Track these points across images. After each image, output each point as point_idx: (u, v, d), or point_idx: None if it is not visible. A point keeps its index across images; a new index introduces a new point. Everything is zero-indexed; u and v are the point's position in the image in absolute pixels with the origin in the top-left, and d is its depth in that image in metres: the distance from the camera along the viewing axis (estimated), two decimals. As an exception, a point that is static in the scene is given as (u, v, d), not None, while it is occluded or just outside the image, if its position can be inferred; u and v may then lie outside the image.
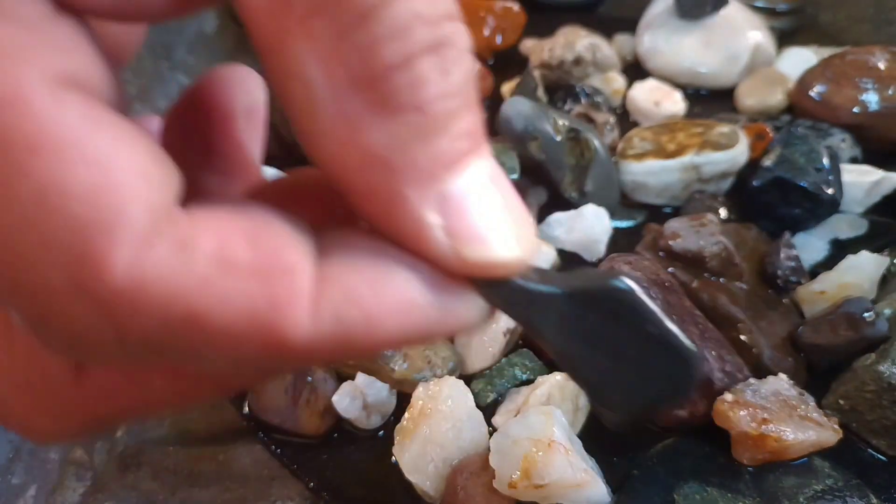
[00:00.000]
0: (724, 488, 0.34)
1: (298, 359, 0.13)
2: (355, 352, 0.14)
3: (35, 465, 0.42)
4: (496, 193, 0.15)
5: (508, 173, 0.49)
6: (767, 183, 0.47)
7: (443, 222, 0.14)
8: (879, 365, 0.36)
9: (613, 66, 0.66)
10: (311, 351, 0.13)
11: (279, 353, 0.13)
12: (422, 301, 0.14)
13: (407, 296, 0.14)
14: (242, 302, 0.12)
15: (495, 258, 0.14)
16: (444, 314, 0.14)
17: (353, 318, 0.13)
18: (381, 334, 0.13)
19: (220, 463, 0.41)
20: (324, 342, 0.13)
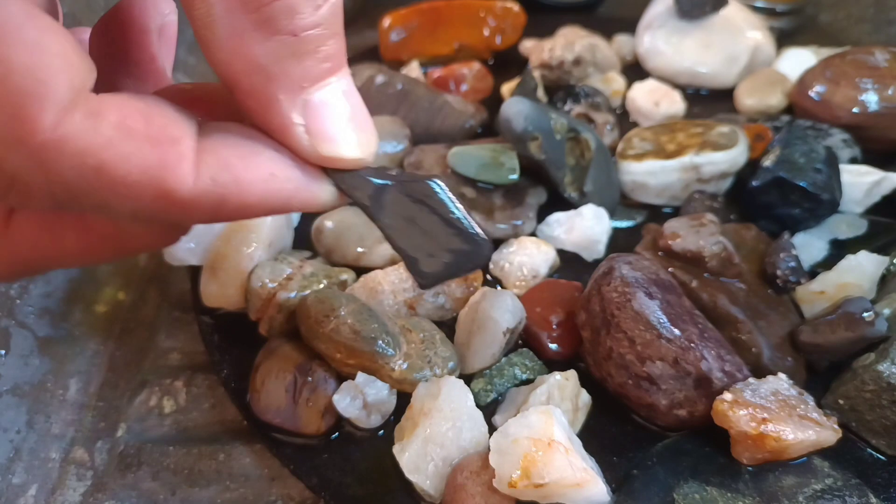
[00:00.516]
0: (724, 488, 0.34)
1: (184, 211, 0.17)
2: (231, 210, 0.18)
3: (35, 465, 0.42)
4: (347, 106, 0.20)
5: (508, 173, 0.49)
6: (767, 183, 0.47)
7: (304, 123, 0.19)
8: (879, 365, 0.36)
9: (613, 66, 0.66)
10: (193, 204, 0.17)
11: (168, 204, 0.17)
12: (281, 175, 0.19)
13: (270, 168, 0.18)
14: (138, 160, 0.16)
15: (341, 155, 0.20)
16: (300, 189, 0.19)
17: (226, 180, 0.17)
18: (249, 196, 0.18)
19: (221, 462, 0.41)
20: (204, 197, 0.17)
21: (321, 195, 0.20)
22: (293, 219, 0.50)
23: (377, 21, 0.70)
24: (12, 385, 0.43)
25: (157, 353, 0.48)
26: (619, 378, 0.37)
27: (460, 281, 0.45)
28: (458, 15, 0.69)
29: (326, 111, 0.19)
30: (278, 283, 0.42)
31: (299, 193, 0.19)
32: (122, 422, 0.44)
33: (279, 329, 0.42)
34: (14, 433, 0.42)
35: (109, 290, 0.52)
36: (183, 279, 0.53)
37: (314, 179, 0.20)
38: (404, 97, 0.58)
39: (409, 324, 0.41)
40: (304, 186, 0.19)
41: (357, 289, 0.44)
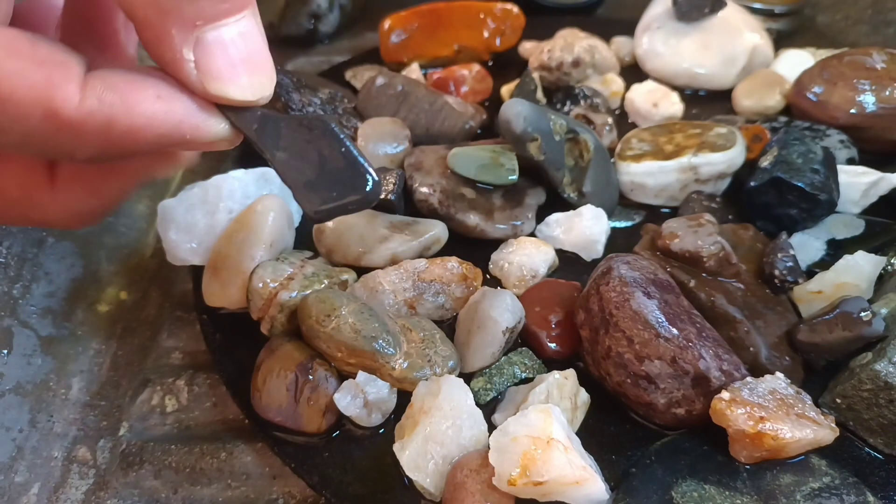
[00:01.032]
0: (722, 486, 0.34)
1: (73, 133, 0.18)
2: (121, 132, 0.18)
3: (38, 464, 0.42)
4: (243, 47, 0.20)
5: (508, 174, 0.50)
6: (765, 183, 0.47)
7: (194, 59, 0.19)
8: (876, 364, 0.36)
9: (612, 67, 0.67)
10: (81, 125, 0.18)
11: (57, 126, 0.18)
12: (168, 98, 0.19)
13: (157, 91, 0.19)
14: (23, 79, 0.17)
15: (228, 94, 0.20)
16: (188, 115, 0.19)
17: (112, 99, 0.18)
18: (137, 117, 0.18)
19: (222, 461, 0.41)
20: (91, 118, 0.18)
21: (213, 126, 0.20)
22: (294, 219, 0.51)
23: (378, 23, 0.70)
24: (15, 384, 0.43)
25: (159, 353, 0.49)
26: (617, 377, 0.37)
27: (460, 281, 0.45)
28: (457, 17, 0.69)
29: (217, 50, 0.20)
30: (279, 282, 0.42)
31: (189, 119, 0.20)
32: (124, 420, 0.44)
33: (280, 328, 0.42)
34: (17, 432, 0.42)
35: (111, 290, 0.53)
36: (185, 279, 0.53)
37: (204, 109, 0.20)
38: (404, 98, 0.59)
39: (410, 323, 0.41)
40: (192, 113, 0.20)
41: (358, 288, 0.44)
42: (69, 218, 0.23)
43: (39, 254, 0.47)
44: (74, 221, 0.24)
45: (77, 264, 0.51)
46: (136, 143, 0.19)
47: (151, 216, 0.58)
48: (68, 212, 0.23)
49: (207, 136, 0.20)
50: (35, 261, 0.47)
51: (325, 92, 0.61)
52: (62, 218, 0.23)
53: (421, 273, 0.45)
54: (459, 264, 0.45)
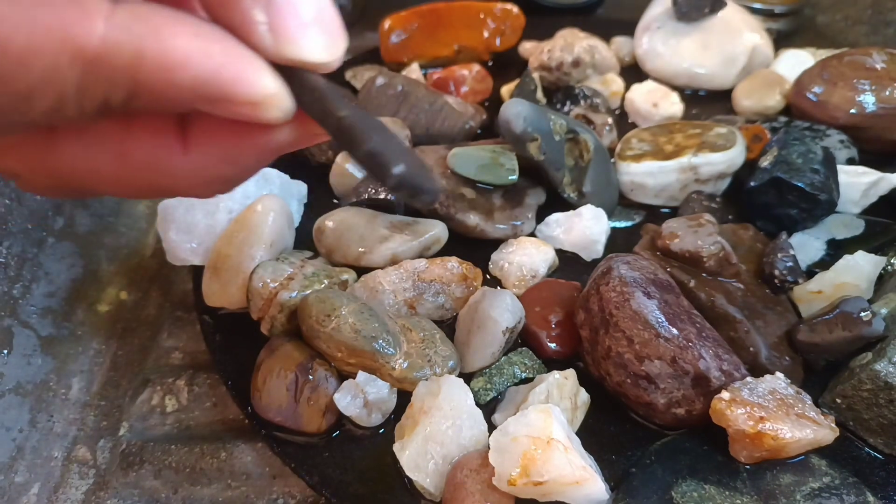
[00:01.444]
0: (722, 486, 0.34)
1: (102, 67, 0.16)
2: (152, 68, 0.17)
3: (38, 464, 0.42)
4: (314, 6, 0.19)
5: (508, 174, 0.50)
6: (765, 184, 0.47)
7: (267, 20, 0.18)
8: (876, 364, 0.36)
9: (612, 67, 0.67)
10: (109, 57, 0.16)
11: (84, 63, 0.16)
12: (208, 36, 0.17)
13: (195, 29, 0.17)
14: (39, 24, 0.15)
15: (304, 58, 0.18)
16: (231, 61, 0.17)
17: (142, 30, 0.16)
18: (171, 52, 0.17)
19: (222, 461, 0.41)
20: (119, 48, 0.16)
21: (258, 80, 0.18)
22: (294, 219, 0.51)
23: (378, 23, 0.70)
24: (15, 384, 0.43)
25: (159, 353, 0.49)
26: (617, 377, 0.37)
27: (460, 281, 0.45)
28: (457, 17, 0.70)
29: (291, 10, 0.18)
30: (279, 282, 0.42)
31: (230, 66, 0.17)
32: (124, 420, 0.44)
33: (280, 328, 0.42)
34: (17, 432, 0.42)
35: (111, 290, 0.53)
36: (185, 279, 0.53)
37: (248, 60, 0.18)
38: (404, 98, 0.59)
39: (410, 323, 0.41)
40: (234, 60, 0.18)
41: (358, 288, 0.44)
42: (200, 185, 0.22)
43: (39, 254, 0.47)
44: (205, 189, 0.22)
45: (77, 264, 0.51)
46: (171, 86, 0.17)
47: (151, 216, 0.58)
48: (200, 178, 0.21)
49: (251, 90, 0.18)
50: (35, 261, 0.47)
51: (325, 92, 0.61)
52: (193, 185, 0.22)
53: (421, 273, 0.45)
54: (459, 264, 0.45)
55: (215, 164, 0.21)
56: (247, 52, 0.18)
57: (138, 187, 0.22)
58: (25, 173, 0.21)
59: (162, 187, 0.22)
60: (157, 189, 0.22)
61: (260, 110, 0.18)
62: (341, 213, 0.49)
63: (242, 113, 0.18)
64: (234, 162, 0.21)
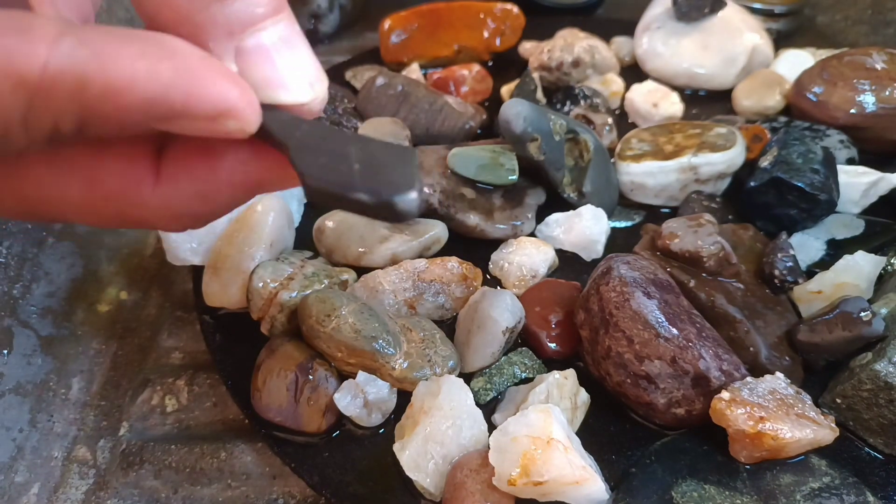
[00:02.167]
0: (722, 486, 0.34)
1: (46, 95, 0.16)
2: (98, 93, 0.16)
3: (38, 464, 0.42)
4: (286, 52, 0.19)
5: (508, 174, 0.50)
6: (764, 184, 0.47)
7: (238, 69, 0.18)
8: (876, 364, 0.36)
9: (612, 67, 0.67)
10: (51, 85, 0.16)
11: (28, 92, 0.16)
12: (156, 53, 0.16)
13: (142, 47, 0.16)
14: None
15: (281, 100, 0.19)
16: (181, 81, 0.17)
17: (84, 56, 0.16)
18: (115, 73, 0.16)
19: (222, 461, 0.41)
20: (61, 76, 0.16)
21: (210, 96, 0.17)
22: (294, 219, 0.51)
23: (378, 23, 0.70)
24: (15, 384, 0.43)
25: (159, 353, 0.49)
26: (617, 377, 0.37)
27: (460, 281, 0.45)
28: (457, 17, 0.70)
29: (260, 58, 0.18)
30: (279, 282, 0.42)
31: (179, 83, 0.17)
32: (124, 420, 0.44)
33: (280, 328, 0.42)
34: (17, 432, 0.42)
35: (112, 290, 0.53)
36: (185, 279, 0.53)
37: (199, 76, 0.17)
38: (404, 98, 0.59)
39: (410, 323, 0.41)
40: (182, 77, 0.17)
41: (358, 288, 0.44)
42: (170, 219, 0.21)
43: (39, 254, 0.47)
44: (175, 223, 0.22)
45: (77, 264, 0.51)
46: (119, 110, 0.16)
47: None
48: (170, 212, 0.21)
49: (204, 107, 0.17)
50: (35, 261, 0.47)
51: (325, 92, 0.61)
52: (162, 218, 0.21)
53: (421, 273, 0.45)
54: (459, 264, 0.45)
55: (187, 199, 0.21)
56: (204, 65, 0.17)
57: (107, 217, 0.21)
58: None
59: (130, 218, 0.21)
60: (125, 220, 0.21)
61: (219, 124, 0.18)
62: (341, 213, 0.49)
63: (202, 129, 0.18)
64: (206, 198, 0.21)
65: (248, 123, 0.18)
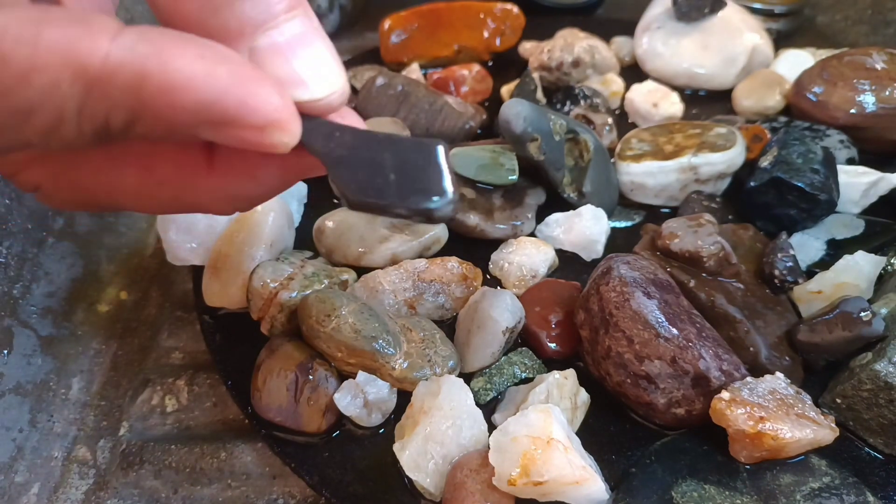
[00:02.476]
0: (722, 486, 0.34)
1: (103, 86, 0.16)
2: (155, 90, 0.16)
3: (38, 464, 0.42)
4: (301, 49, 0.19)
5: (508, 174, 0.50)
6: (764, 184, 0.48)
7: None
8: (876, 364, 0.36)
9: (612, 67, 0.67)
10: (110, 76, 0.16)
11: (86, 82, 0.16)
12: (213, 57, 0.17)
13: (200, 51, 0.17)
14: (46, 39, 0.15)
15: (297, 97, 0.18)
16: (237, 81, 0.17)
17: (146, 50, 0.16)
18: (174, 73, 0.16)
19: (222, 461, 0.41)
20: (121, 69, 0.16)
21: (263, 105, 0.17)
22: (294, 219, 0.51)
23: (378, 23, 0.70)
24: (15, 384, 0.43)
25: (159, 353, 0.49)
26: (617, 377, 0.37)
27: (460, 281, 0.45)
28: (457, 17, 0.70)
29: (275, 56, 0.18)
30: (280, 282, 0.42)
31: (235, 89, 0.17)
32: (124, 420, 0.44)
33: (280, 328, 0.42)
34: (17, 432, 0.42)
35: (111, 290, 0.53)
36: (185, 279, 0.53)
37: (258, 83, 0.17)
38: (404, 98, 0.59)
39: (410, 323, 0.41)
40: (239, 82, 0.17)
41: (358, 288, 0.44)
42: (223, 202, 0.22)
43: (39, 254, 0.47)
44: (227, 206, 0.22)
45: (77, 264, 0.51)
46: (173, 109, 0.16)
47: (151, 216, 0.58)
48: (223, 196, 0.21)
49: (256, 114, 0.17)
50: (35, 261, 0.47)
51: (325, 92, 0.61)
52: (216, 201, 0.21)
53: (421, 273, 0.45)
54: (459, 264, 0.45)
55: (240, 183, 0.21)
56: (256, 74, 0.17)
57: (161, 202, 0.21)
58: (48, 186, 0.21)
59: (185, 203, 0.22)
60: (179, 205, 0.22)
61: (266, 135, 0.17)
62: (341, 213, 0.49)
63: (248, 139, 0.18)
64: (259, 182, 0.21)
65: (292, 136, 0.18)
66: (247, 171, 0.21)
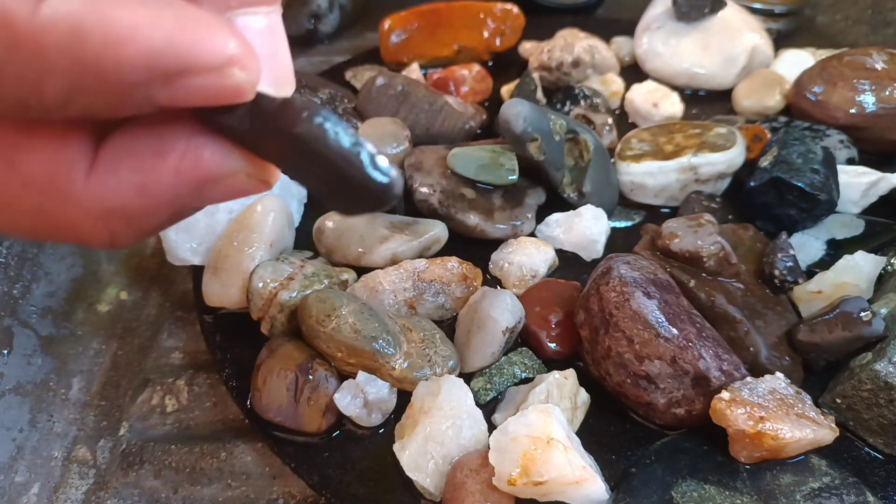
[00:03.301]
0: (722, 486, 0.34)
1: (35, 47, 0.14)
2: (97, 46, 0.14)
3: (38, 464, 0.42)
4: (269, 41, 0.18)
5: (508, 174, 0.50)
6: (764, 184, 0.47)
7: None
8: (876, 364, 0.36)
9: (612, 67, 0.67)
10: (43, 34, 0.14)
11: (13, 41, 0.13)
12: (160, 7, 0.15)
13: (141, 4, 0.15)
14: None
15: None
16: (186, 29, 0.15)
17: (79, 2, 0.14)
18: (116, 26, 0.14)
19: (222, 461, 0.41)
20: (55, 26, 0.14)
21: (219, 45, 0.15)
22: (294, 219, 0.51)
23: (378, 23, 0.70)
24: (15, 384, 0.43)
25: (159, 353, 0.49)
26: (617, 377, 0.37)
27: (460, 281, 0.45)
28: (457, 17, 0.70)
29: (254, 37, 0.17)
30: (279, 282, 0.42)
31: (186, 30, 0.15)
32: (124, 420, 0.44)
33: (280, 328, 0.42)
34: (17, 432, 0.42)
35: (112, 290, 0.53)
36: (185, 279, 0.53)
37: (207, 21, 0.15)
38: (404, 98, 0.59)
39: (410, 323, 0.41)
40: (189, 23, 0.15)
41: (358, 288, 0.44)
42: (96, 220, 0.18)
43: (39, 254, 0.47)
44: (101, 226, 0.18)
45: (77, 264, 0.51)
46: (120, 66, 0.14)
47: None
48: (98, 210, 0.17)
49: (212, 53, 0.15)
50: (35, 261, 0.47)
51: (326, 92, 0.61)
52: (89, 216, 0.17)
53: (421, 273, 0.45)
54: (459, 264, 0.45)
55: (123, 191, 0.17)
56: (205, 14, 0.16)
57: (22, 211, 0.17)
58: None
59: (48, 217, 0.17)
60: (42, 217, 0.18)
61: (227, 76, 0.16)
62: (341, 213, 0.49)
63: (208, 86, 0.16)
64: (146, 190, 0.17)
65: (254, 72, 0.16)
66: (133, 174, 0.17)
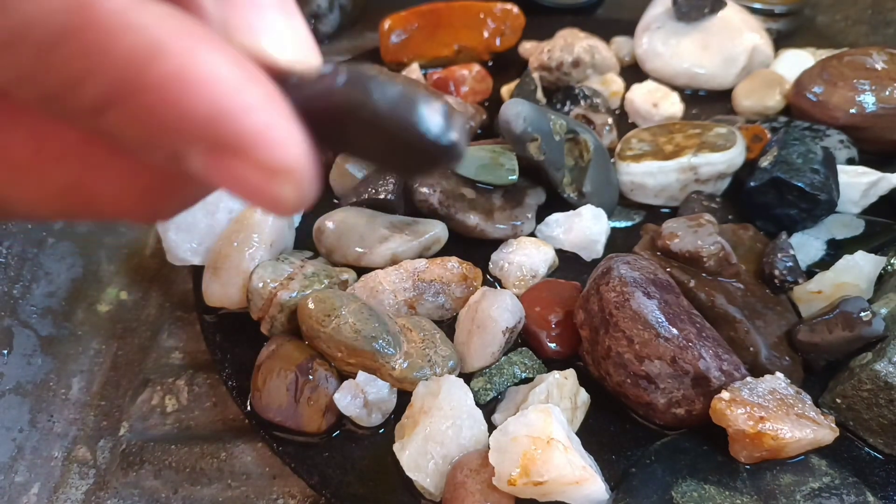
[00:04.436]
0: (722, 486, 0.34)
1: (102, 37, 0.11)
2: (161, 72, 0.11)
3: (38, 464, 0.42)
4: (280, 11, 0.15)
5: (508, 174, 0.50)
6: (765, 184, 0.47)
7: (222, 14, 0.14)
8: (876, 364, 0.36)
9: (612, 67, 0.67)
10: (116, 31, 0.11)
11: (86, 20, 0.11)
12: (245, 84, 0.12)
13: None
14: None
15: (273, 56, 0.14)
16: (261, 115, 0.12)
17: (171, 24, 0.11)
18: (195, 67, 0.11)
19: (222, 461, 0.41)
20: (134, 33, 0.11)
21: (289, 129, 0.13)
22: (295, 219, 0.51)
23: (378, 23, 0.70)
24: (15, 384, 0.43)
25: (159, 353, 0.49)
26: (617, 377, 0.37)
27: (460, 281, 0.45)
28: (457, 17, 0.70)
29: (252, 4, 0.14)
30: (279, 282, 0.42)
31: (264, 113, 0.12)
32: (124, 420, 0.44)
33: (280, 328, 0.42)
34: (17, 432, 0.42)
35: (112, 290, 0.53)
36: (185, 279, 0.53)
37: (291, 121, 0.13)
38: (404, 98, 0.59)
39: (410, 323, 0.41)
40: (273, 108, 0.12)
41: (358, 288, 0.44)
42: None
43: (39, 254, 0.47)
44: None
45: (77, 264, 0.51)
46: (176, 106, 0.11)
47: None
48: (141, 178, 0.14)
49: (273, 151, 0.12)
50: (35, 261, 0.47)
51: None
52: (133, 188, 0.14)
53: (421, 273, 0.45)
54: (459, 264, 0.45)
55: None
56: (285, 105, 0.12)
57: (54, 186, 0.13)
58: None
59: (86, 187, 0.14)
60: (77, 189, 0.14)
61: (275, 183, 0.12)
62: (341, 213, 0.49)
63: (250, 180, 0.12)
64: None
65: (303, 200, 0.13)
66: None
